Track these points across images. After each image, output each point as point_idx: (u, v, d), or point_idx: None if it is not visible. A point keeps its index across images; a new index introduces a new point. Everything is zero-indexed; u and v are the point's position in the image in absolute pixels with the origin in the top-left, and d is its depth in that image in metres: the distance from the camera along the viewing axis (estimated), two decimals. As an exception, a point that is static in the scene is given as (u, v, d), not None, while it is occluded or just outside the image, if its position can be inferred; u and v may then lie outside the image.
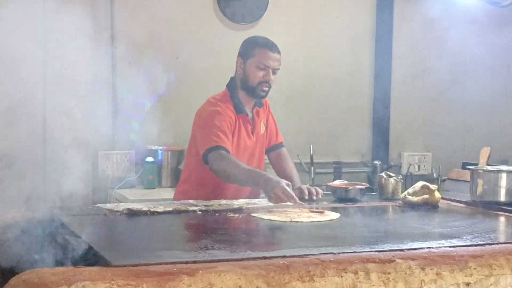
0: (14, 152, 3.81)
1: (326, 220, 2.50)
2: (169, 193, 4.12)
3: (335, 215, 2.57)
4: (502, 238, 2.32)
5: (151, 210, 2.57)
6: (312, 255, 1.80)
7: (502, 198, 2.87)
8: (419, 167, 5.11)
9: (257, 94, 3.14)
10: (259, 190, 3.27)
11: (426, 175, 4.90)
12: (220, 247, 1.94)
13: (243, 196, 3.14)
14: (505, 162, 4.73)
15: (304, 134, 4.87)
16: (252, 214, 2.58)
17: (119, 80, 4.37)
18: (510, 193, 2.87)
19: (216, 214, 2.60)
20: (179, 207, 2.64)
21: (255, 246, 2.04)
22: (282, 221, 2.44)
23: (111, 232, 2.32)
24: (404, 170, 4.96)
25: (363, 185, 3.13)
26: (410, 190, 2.89)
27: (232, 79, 3.27)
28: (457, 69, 5.28)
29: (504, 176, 2.89)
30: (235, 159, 2.94)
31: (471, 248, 1.98)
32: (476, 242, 2.07)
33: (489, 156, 3.18)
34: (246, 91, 3.16)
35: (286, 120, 4.85)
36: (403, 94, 5.13)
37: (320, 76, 4.90)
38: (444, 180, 3.80)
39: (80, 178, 4.21)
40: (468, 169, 3.10)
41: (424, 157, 5.14)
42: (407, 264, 1.78)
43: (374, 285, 1.71)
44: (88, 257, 1.84)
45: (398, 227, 2.50)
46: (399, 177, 3.17)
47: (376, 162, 4.85)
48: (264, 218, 2.50)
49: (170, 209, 2.60)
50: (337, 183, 3.22)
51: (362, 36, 5.02)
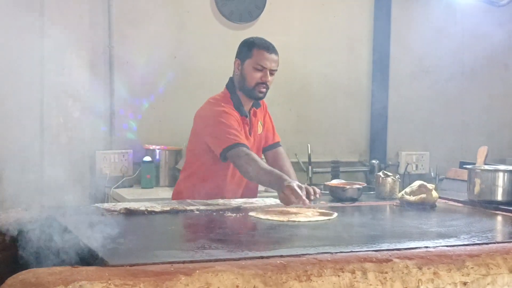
0: (11, 151, 3.80)
1: (324, 220, 2.50)
2: (166, 192, 4.12)
3: (332, 215, 2.57)
4: (499, 238, 2.32)
5: (149, 209, 2.57)
6: (310, 254, 1.80)
7: (500, 197, 2.87)
8: (416, 166, 5.11)
9: (254, 95, 3.14)
10: (256, 190, 3.29)
11: (424, 175, 4.90)
12: (218, 247, 1.94)
13: (243, 193, 3.16)
14: (502, 162, 4.73)
15: (302, 133, 4.87)
16: (250, 214, 2.58)
17: (116, 80, 4.37)
18: (507, 192, 2.87)
19: (214, 214, 2.60)
20: (176, 206, 2.64)
21: (253, 246, 2.04)
22: (280, 220, 2.44)
23: (108, 232, 2.32)
24: (401, 170, 4.97)
25: (360, 184, 3.13)
26: (408, 190, 2.90)
27: (231, 80, 3.27)
28: (454, 68, 5.29)
29: (501, 175, 2.89)
30: (257, 157, 2.97)
31: (468, 248, 1.98)
32: (474, 242, 2.07)
33: (486, 156, 3.18)
34: (244, 92, 3.16)
35: (284, 119, 4.85)
36: (401, 93, 5.13)
37: (318, 75, 4.90)
38: (441, 180, 3.81)
39: (78, 177, 4.23)
40: (465, 168, 3.10)
41: (422, 156, 5.15)
42: (404, 263, 1.78)
43: (371, 284, 1.71)
44: (85, 256, 1.84)
45: (395, 226, 2.50)
46: (397, 176, 3.17)
47: (373, 161, 4.86)
48: (261, 217, 2.50)
49: (168, 208, 2.60)
50: (334, 182, 3.22)
51: (360, 35, 5.03)
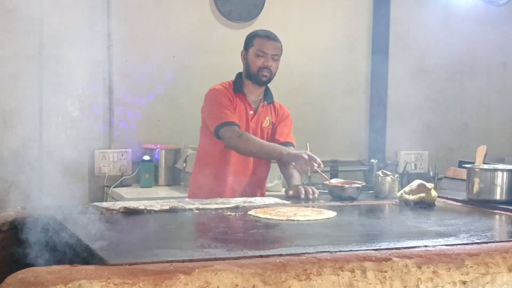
0: (11, 150, 3.80)
1: (323, 219, 2.50)
2: (165, 191, 4.12)
3: (331, 214, 2.57)
4: (498, 237, 2.32)
5: (148, 208, 2.56)
6: (309, 253, 1.80)
7: (499, 196, 2.88)
8: (415, 165, 5.11)
9: (259, 80, 3.37)
10: (264, 180, 3.49)
11: (423, 174, 4.90)
12: (217, 246, 1.94)
13: (249, 183, 3.36)
14: (501, 161, 4.73)
15: (301, 133, 4.85)
16: (249, 213, 2.58)
17: (115, 79, 4.37)
18: (507, 191, 2.87)
19: (213, 213, 2.60)
20: (175, 205, 2.64)
21: (252, 245, 2.04)
22: (279, 219, 2.44)
23: (107, 231, 2.32)
24: (400, 169, 4.97)
25: (359, 183, 3.13)
26: (407, 189, 2.90)
27: (238, 73, 3.48)
28: (453, 67, 5.29)
29: (500, 174, 2.89)
30: (247, 134, 3.26)
31: (467, 247, 1.98)
32: (473, 241, 2.07)
33: (485, 155, 3.18)
34: (250, 79, 3.39)
35: (282, 118, 4.85)
36: (400, 92, 5.13)
37: (317, 74, 4.90)
38: (440, 179, 3.81)
39: (77, 176, 4.23)
40: (464, 167, 3.10)
41: (421, 155, 5.15)
42: (403, 262, 1.78)
43: (370, 283, 1.71)
44: (85, 255, 1.83)
45: (394, 225, 2.50)
46: (396, 175, 3.17)
47: (372, 160, 4.86)
48: (260, 216, 2.50)
49: (167, 207, 2.60)
50: (333, 181, 3.22)
51: (359, 34, 5.03)
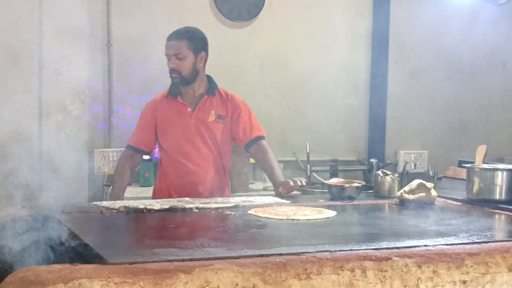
0: (10, 150, 3.80)
1: (323, 218, 2.50)
2: (165, 190, 4.12)
3: (331, 213, 2.57)
4: (498, 236, 2.32)
5: (148, 207, 2.56)
6: (309, 253, 1.80)
7: (498, 196, 2.88)
8: (415, 165, 5.12)
9: (172, 81, 3.37)
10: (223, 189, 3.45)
11: (422, 173, 4.90)
12: (217, 245, 1.94)
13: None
14: (501, 160, 4.74)
15: (301, 132, 4.87)
16: (249, 212, 2.58)
17: (115, 78, 4.37)
18: (506, 191, 2.87)
19: (213, 212, 2.60)
20: (175, 205, 2.64)
21: (252, 244, 2.04)
22: (279, 219, 2.44)
23: (107, 230, 2.32)
24: (400, 168, 4.96)
25: (359, 183, 3.13)
26: (407, 188, 2.89)
27: None
28: (453, 67, 5.29)
29: (500, 174, 2.89)
30: (118, 164, 3.47)
31: (467, 246, 1.97)
32: (473, 240, 2.07)
33: (485, 154, 3.18)
34: None
35: (282, 117, 4.86)
36: (400, 92, 5.13)
37: (317, 74, 4.90)
38: (440, 178, 3.81)
39: (76, 175, 4.23)
40: (464, 167, 3.10)
41: (420, 155, 5.15)
42: (403, 262, 1.78)
43: (370, 282, 1.71)
44: (85, 254, 1.83)
45: (394, 225, 2.50)
46: (395, 175, 3.17)
47: (372, 160, 4.86)
48: (260, 215, 2.50)
49: (167, 206, 2.60)
50: (333, 181, 3.22)
51: (359, 34, 5.03)
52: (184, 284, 1.54)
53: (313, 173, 4.48)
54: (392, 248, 1.91)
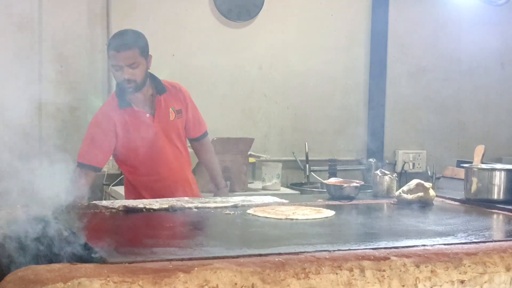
0: (10, 149, 3.80)
1: (321, 218, 2.50)
2: (164, 190, 4.11)
3: (330, 213, 2.58)
4: (496, 236, 2.32)
5: (147, 207, 2.57)
6: (308, 252, 1.80)
7: (496, 196, 2.88)
8: (413, 165, 5.12)
9: (126, 91, 3.17)
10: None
11: (421, 173, 4.92)
12: (216, 244, 1.94)
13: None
14: (499, 160, 4.74)
15: (299, 132, 4.88)
16: (248, 212, 2.58)
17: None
18: (504, 191, 2.87)
19: (212, 211, 2.60)
20: (174, 204, 2.65)
21: (251, 243, 2.04)
22: (277, 218, 2.44)
23: (107, 229, 2.32)
24: (398, 168, 4.98)
25: (358, 182, 3.13)
26: (405, 188, 2.90)
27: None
28: (451, 67, 5.30)
29: (498, 174, 2.89)
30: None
31: (465, 246, 1.98)
32: (471, 240, 2.07)
33: (483, 154, 3.18)
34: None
35: (281, 117, 4.86)
36: (398, 92, 5.14)
37: (316, 73, 4.91)
38: (438, 178, 3.81)
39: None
40: (462, 167, 3.11)
41: (419, 155, 5.16)
42: (402, 261, 1.79)
43: (369, 282, 1.72)
44: (84, 254, 1.84)
45: (392, 224, 2.50)
46: (394, 174, 3.17)
47: (370, 160, 4.87)
48: (259, 215, 2.50)
49: (166, 206, 2.60)
50: (332, 180, 3.22)
51: (358, 34, 5.03)
52: (183, 283, 1.54)
53: (312, 172, 4.50)
54: (390, 247, 1.91)
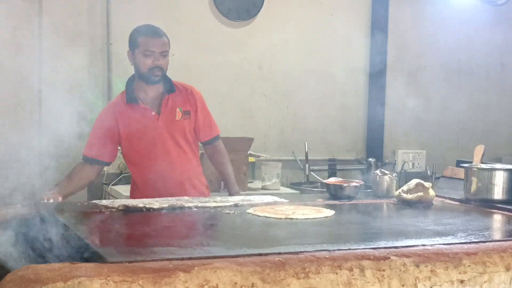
0: (10, 148, 3.80)
1: (321, 217, 2.50)
2: (164, 189, 4.11)
3: (330, 212, 2.58)
4: (496, 236, 2.33)
5: (147, 206, 2.57)
6: (307, 252, 1.81)
7: (496, 196, 2.88)
8: (413, 164, 5.13)
9: (151, 80, 3.22)
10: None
11: (420, 173, 4.92)
12: (216, 244, 1.95)
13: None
14: (499, 160, 4.75)
15: (299, 131, 4.88)
16: (248, 211, 2.58)
17: (114, 77, 4.37)
18: (504, 191, 2.88)
19: (212, 211, 2.60)
20: (174, 203, 2.65)
21: (251, 243, 2.04)
22: (277, 218, 2.44)
23: (107, 229, 2.32)
24: (398, 168, 4.98)
25: (358, 182, 3.13)
26: (405, 188, 2.90)
27: (130, 79, 3.32)
28: (451, 67, 5.30)
29: (498, 174, 2.90)
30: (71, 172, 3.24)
31: (465, 246, 1.98)
32: (470, 240, 2.07)
33: (483, 154, 3.19)
34: (142, 79, 3.24)
35: (281, 117, 4.87)
36: (398, 91, 5.14)
37: (315, 73, 4.91)
38: (438, 178, 3.81)
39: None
40: (462, 167, 3.11)
41: (418, 154, 5.16)
42: (401, 261, 1.79)
43: (369, 282, 1.72)
44: (84, 253, 1.84)
45: (392, 224, 2.50)
46: (394, 174, 3.17)
47: (370, 159, 4.87)
48: (259, 215, 2.50)
49: (166, 205, 2.61)
50: (332, 180, 3.22)
51: (357, 33, 5.03)
52: (183, 283, 1.54)
53: (311, 172, 4.51)
54: (390, 247, 1.91)
